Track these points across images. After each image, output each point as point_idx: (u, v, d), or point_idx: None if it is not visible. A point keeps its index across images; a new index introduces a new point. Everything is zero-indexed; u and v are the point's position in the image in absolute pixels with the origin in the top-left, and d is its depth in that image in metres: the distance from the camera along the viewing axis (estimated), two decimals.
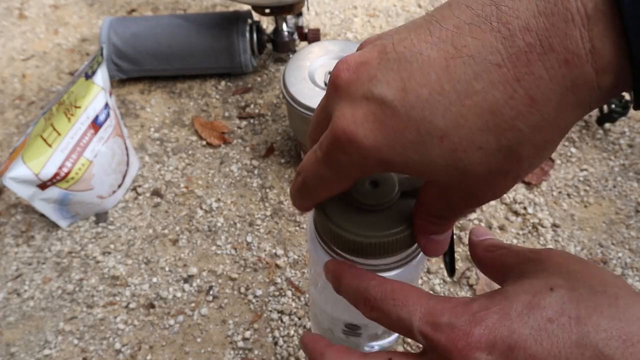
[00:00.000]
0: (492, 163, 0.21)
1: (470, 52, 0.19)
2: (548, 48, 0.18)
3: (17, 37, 0.83)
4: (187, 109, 0.70)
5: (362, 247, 0.28)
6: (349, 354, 0.26)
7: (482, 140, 0.20)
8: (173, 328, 0.50)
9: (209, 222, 0.58)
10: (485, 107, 0.19)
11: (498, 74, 0.19)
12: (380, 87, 0.21)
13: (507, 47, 0.19)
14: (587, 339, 0.21)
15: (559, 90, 0.19)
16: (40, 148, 0.53)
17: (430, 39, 0.20)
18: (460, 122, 0.20)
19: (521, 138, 0.20)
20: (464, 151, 0.20)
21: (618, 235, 0.55)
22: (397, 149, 0.21)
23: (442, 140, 0.20)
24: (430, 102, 0.20)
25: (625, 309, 0.22)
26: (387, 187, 0.29)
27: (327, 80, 0.56)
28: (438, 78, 0.20)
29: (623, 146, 0.63)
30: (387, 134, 0.21)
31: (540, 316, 0.22)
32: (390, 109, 0.21)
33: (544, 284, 0.23)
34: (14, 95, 0.74)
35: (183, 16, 0.72)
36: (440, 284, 0.52)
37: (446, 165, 0.21)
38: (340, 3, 0.86)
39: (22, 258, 0.56)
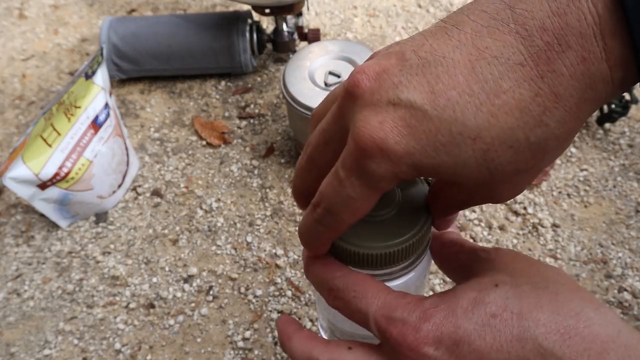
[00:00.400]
0: (521, 161, 0.21)
1: (493, 53, 0.20)
2: (566, 46, 0.19)
3: (17, 37, 0.83)
4: (187, 109, 0.70)
5: (360, 257, 0.28)
6: (313, 340, 0.27)
7: (512, 138, 0.20)
8: (173, 328, 0.50)
9: (209, 222, 0.58)
10: (514, 105, 0.20)
11: (522, 73, 0.20)
12: (407, 92, 0.21)
13: (527, 46, 0.19)
14: (527, 333, 0.22)
15: (580, 86, 0.20)
16: (40, 148, 0.53)
17: (451, 43, 0.21)
18: (491, 121, 0.20)
19: (548, 133, 0.20)
20: (496, 151, 0.21)
21: (618, 235, 0.55)
22: (429, 152, 0.21)
23: (475, 142, 0.20)
24: (461, 103, 0.20)
25: (564, 304, 0.23)
26: (388, 197, 0.29)
27: (327, 80, 0.56)
28: (466, 79, 0.20)
29: (623, 146, 0.63)
30: (419, 138, 0.21)
31: (484, 312, 0.23)
32: (421, 113, 0.20)
33: (490, 281, 0.24)
34: (14, 95, 0.74)
35: (183, 16, 0.72)
36: (440, 284, 0.52)
37: (478, 166, 0.21)
38: (340, 3, 0.86)
39: (22, 258, 0.56)
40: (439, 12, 0.82)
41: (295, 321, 0.29)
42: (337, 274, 0.27)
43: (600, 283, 0.51)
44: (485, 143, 0.20)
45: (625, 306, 0.49)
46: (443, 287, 0.51)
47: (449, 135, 0.20)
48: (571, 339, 0.22)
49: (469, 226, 0.56)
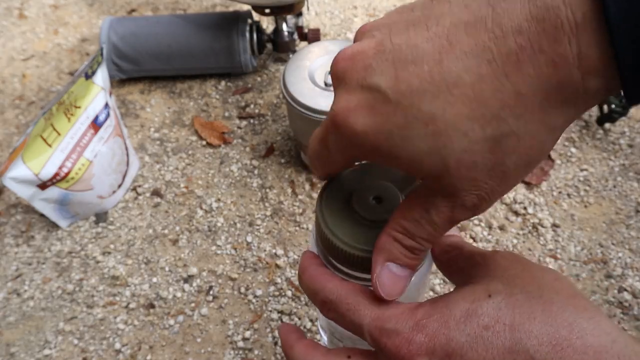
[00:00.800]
0: (477, 153, 0.21)
1: (463, 48, 0.20)
2: (538, 50, 0.19)
3: (17, 37, 0.83)
4: (187, 109, 0.70)
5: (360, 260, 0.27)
6: (314, 349, 0.28)
7: (467, 127, 0.20)
8: (173, 328, 0.50)
9: (209, 222, 0.58)
10: (472, 97, 0.20)
11: (487, 69, 0.20)
12: (374, 76, 0.22)
13: (499, 46, 0.20)
14: (519, 345, 0.22)
15: (545, 87, 0.20)
16: (40, 148, 0.53)
17: (426, 34, 0.21)
18: (446, 109, 0.21)
19: (506, 129, 0.20)
20: (448, 136, 0.21)
21: (618, 235, 0.55)
22: (384, 133, 0.22)
23: (427, 125, 0.21)
24: (420, 90, 0.21)
25: (558, 314, 0.23)
26: (391, 203, 0.29)
27: (327, 80, 0.56)
28: (430, 69, 0.21)
29: (623, 146, 0.63)
30: (376, 120, 0.22)
31: (477, 324, 0.23)
32: (382, 96, 0.22)
33: (484, 290, 0.24)
34: (14, 95, 0.74)
35: (183, 16, 0.72)
36: (440, 284, 0.52)
37: (430, 151, 0.21)
38: (340, 3, 0.86)
39: (22, 258, 0.56)
40: None
41: (297, 329, 0.30)
42: (328, 285, 0.27)
43: (600, 283, 0.51)
44: (437, 127, 0.21)
45: (625, 306, 0.49)
46: (443, 287, 0.51)
47: (403, 118, 0.21)
48: (563, 350, 0.22)
49: (469, 226, 0.56)
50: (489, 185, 0.22)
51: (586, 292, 0.51)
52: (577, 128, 0.65)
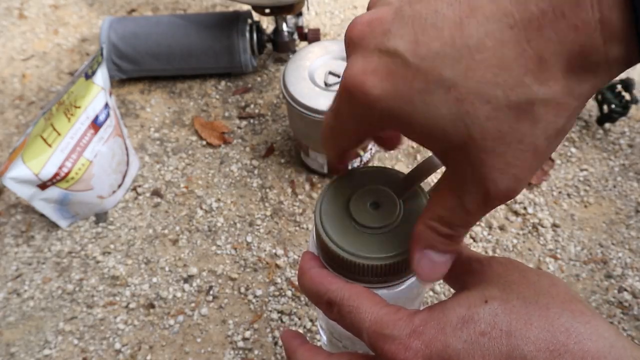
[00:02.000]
0: (503, 121, 0.20)
1: (485, 13, 0.20)
2: (560, 15, 0.19)
3: (17, 37, 0.83)
4: (187, 109, 0.70)
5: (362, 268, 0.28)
6: (316, 353, 0.28)
7: (490, 93, 0.20)
8: (173, 328, 0.50)
9: (209, 222, 0.58)
10: (494, 63, 0.20)
11: (509, 34, 0.20)
12: (393, 40, 0.21)
13: (520, 11, 0.19)
14: (517, 351, 0.22)
15: (568, 53, 0.19)
16: (40, 148, 0.53)
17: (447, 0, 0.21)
18: (468, 74, 0.20)
19: (531, 95, 0.20)
20: (472, 103, 0.20)
21: (618, 235, 0.55)
22: (404, 98, 0.21)
23: (449, 91, 0.20)
24: (441, 54, 0.20)
25: (555, 320, 0.22)
26: (388, 209, 0.29)
27: (327, 80, 0.56)
28: (451, 34, 0.20)
29: (623, 146, 0.63)
30: (396, 84, 0.21)
31: (474, 330, 0.23)
32: (401, 60, 0.21)
33: (480, 296, 0.24)
34: (13, 95, 0.74)
35: (183, 16, 0.72)
36: (440, 284, 0.52)
37: (452, 118, 0.21)
38: (340, 3, 0.86)
39: (22, 258, 0.56)
40: None
41: (299, 334, 0.30)
42: (332, 286, 0.27)
43: (600, 283, 0.51)
44: (460, 93, 0.20)
45: (625, 306, 0.49)
46: (443, 287, 0.51)
47: (424, 83, 0.21)
48: (561, 356, 0.21)
49: None
50: (520, 162, 0.21)
51: (586, 292, 0.51)
52: (577, 128, 0.65)
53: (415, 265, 0.26)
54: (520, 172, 0.22)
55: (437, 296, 0.51)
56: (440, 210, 0.24)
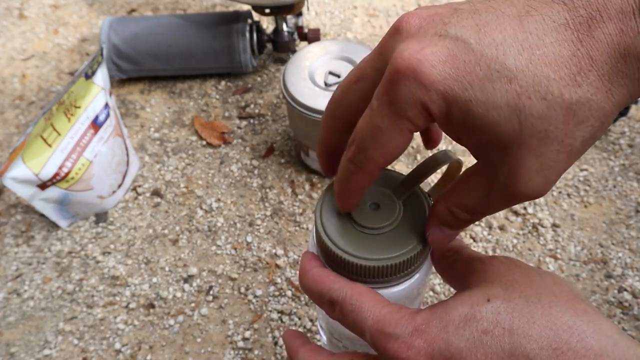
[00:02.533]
0: (552, 121, 0.21)
1: (542, 13, 0.21)
2: (607, 18, 0.21)
3: (17, 37, 0.83)
4: (187, 109, 0.70)
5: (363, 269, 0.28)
6: (318, 353, 0.28)
7: (546, 89, 0.21)
8: (173, 328, 0.50)
9: (209, 222, 0.58)
10: (552, 59, 0.21)
11: (564, 34, 0.21)
12: (455, 28, 0.22)
13: (571, 14, 0.21)
14: (519, 350, 0.22)
15: (614, 54, 0.21)
16: (40, 148, 0.53)
17: (505, 3, 0.22)
18: (530, 67, 0.21)
19: (582, 95, 0.21)
20: (529, 97, 0.21)
21: (618, 235, 0.55)
22: (464, 83, 0.21)
23: (510, 82, 0.21)
24: (505, 45, 0.21)
25: (557, 318, 0.23)
26: (388, 211, 0.29)
27: (327, 80, 0.56)
28: (512, 28, 0.21)
29: (623, 146, 0.63)
30: (457, 67, 0.21)
31: (476, 328, 0.23)
32: (464, 44, 0.21)
33: (482, 295, 0.24)
34: (14, 95, 0.74)
35: (183, 16, 0.72)
36: (440, 284, 0.52)
37: (508, 110, 0.21)
38: (340, 3, 0.86)
39: (22, 258, 0.56)
40: None
41: (301, 334, 0.30)
42: (335, 285, 0.27)
43: (600, 283, 0.51)
44: (520, 86, 0.21)
45: (625, 306, 0.49)
46: (443, 288, 0.51)
47: (487, 70, 0.21)
48: (564, 354, 0.22)
49: (469, 226, 0.56)
50: (554, 163, 0.22)
51: (586, 292, 0.51)
52: None
53: (429, 234, 0.27)
54: (552, 174, 0.22)
55: (437, 296, 0.51)
56: (465, 198, 0.25)
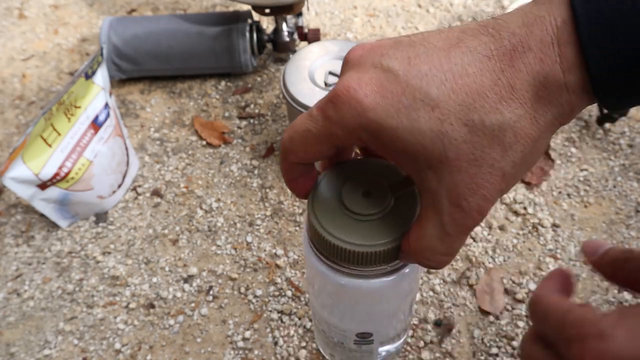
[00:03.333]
0: (477, 144, 0.23)
1: (469, 45, 0.23)
2: (527, 49, 0.23)
3: (17, 37, 0.83)
4: (187, 109, 0.70)
5: (350, 255, 0.28)
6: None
7: (467, 117, 0.23)
8: (173, 328, 0.50)
9: (209, 222, 0.58)
10: (474, 89, 0.23)
11: (487, 64, 0.23)
12: (389, 60, 0.24)
13: (496, 45, 0.23)
14: None
15: (534, 83, 0.23)
16: (40, 148, 0.53)
17: (439, 36, 0.24)
18: (451, 96, 0.23)
19: (503, 122, 0.23)
20: (451, 124, 0.23)
21: (618, 235, 0.55)
22: (391, 111, 0.23)
23: (433, 110, 0.23)
24: (429, 75, 0.23)
25: None
26: (379, 197, 0.30)
27: (327, 80, 0.56)
28: (439, 59, 0.23)
29: (623, 146, 0.63)
30: (385, 97, 0.23)
31: None
32: (393, 76, 0.23)
33: None
34: (14, 95, 0.74)
35: (183, 16, 0.72)
36: (440, 284, 0.52)
37: (432, 136, 0.23)
38: (340, 3, 0.86)
39: (22, 258, 0.56)
40: (439, 12, 0.82)
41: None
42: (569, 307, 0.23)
43: (601, 283, 0.51)
44: (442, 114, 0.23)
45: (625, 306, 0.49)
46: (443, 287, 0.51)
47: (412, 99, 0.23)
48: None
49: None
50: (489, 184, 0.23)
51: (586, 292, 0.51)
52: (577, 128, 0.65)
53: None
54: (489, 193, 0.24)
55: (437, 296, 0.51)
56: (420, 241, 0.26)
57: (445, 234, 0.25)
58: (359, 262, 0.29)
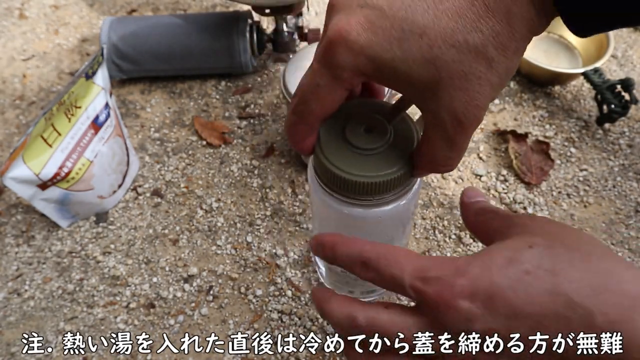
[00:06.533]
0: (465, 62, 0.24)
1: None
2: None
3: (18, 37, 0.83)
4: (187, 109, 0.71)
5: (357, 185, 0.31)
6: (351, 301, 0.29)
7: (453, 38, 0.24)
8: (173, 328, 0.50)
9: (209, 222, 0.58)
10: (454, 11, 0.24)
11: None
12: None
13: None
14: (559, 288, 0.23)
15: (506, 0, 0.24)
16: (40, 148, 0.53)
17: None
18: (435, 22, 0.24)
19: (484, 39, 0.24)
20: (439, 47, 0.24)
21: (618, 235, 0.55)
22: (385, 45, 0.25)
23: (421, 37, 0.24)
24: (412, 6, 0.24)
25: (597, 264, 0.24)
26: (380, 133, 0.32)
27: None
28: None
29: (622, 146, 0.63)
30: (377, 33, 0.25)
31: (519, 269, 0.24)
32: (380, 12, 0.25)
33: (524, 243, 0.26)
34: (14, 96, 0.74)
35: (183, 16, 0.72)
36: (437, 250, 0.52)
37: (424, 61, 0.25)
38: None
39: (23, 258, 0.56)
40: None
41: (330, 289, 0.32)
42: (366, 247, 0.28)
43: None
44: (430, 39, 0.24)
45: None
46: None
47: (400, 31, 0.24)
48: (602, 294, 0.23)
49: None
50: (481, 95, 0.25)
51: None
52: (577, 128, 0.65)
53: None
54: (481, 103, 0.26)
55: None
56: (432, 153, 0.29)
57: (452, 142, 0.27)
58: (369, 192, 0.31)
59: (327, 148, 0.32)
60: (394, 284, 0.27)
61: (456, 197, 0.59)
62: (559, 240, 0.26)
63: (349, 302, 0.29)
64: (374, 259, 0.28)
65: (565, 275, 0.24)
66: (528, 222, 0.28)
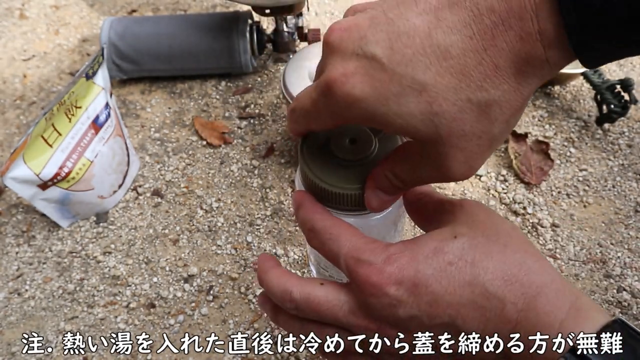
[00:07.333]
0: (466, 122, 0.24)
1: (449, 24, 0.23)
2: (508, 27, 0.23)
3: (18, 38, 0.83)
4: (187, 109, 0.71)
5: (336, 197, 0.31)
6: (288, 275, 0.30)
7: (455, 97, 0.23)
8: (173, 328, 0.50)
9: (209, 222, 0.58)
10: (458, 70, 0.23)
11: (470, 44, 0.23)
12: (370, 45, 0.24)
13: (477, 23, 0.23)
14: (477, 279, 0.25)
15: (517, 60, 0.23)
16: (41, 148, 0.53)
17: (415, 9, 0.24)
18: (437, 79, 0.23)
19: (489, 98, 0.23)
20: (440, 105, 0.23)
21: (617, 235, 0.55)
22: (381, 100, 0.24)
23: (421, 94, 0.23)
24: (414, 60, 0.23)
25: (511, 255, 0.26)
26: (364, 144, 0.32)
27: None
28: (421, 42, 0.23)
29: (622, 146, 0.63)
30: (374, 86, 0.24)
31: (443, 260, 0.26)
32: (378, 64, 0.24)
33: (450, 232, 0.27)
34: (14, 96, 0.74)
35: (183, 16, 0.72)
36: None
37: (423, 118, 0.24)
38: (340, 3, 0.86)
39: (23, 258, 0.56)
40: None
41: (274, 259, 0.32)
42: (316, 216, 0.30)
43: (600, 283, 0.51)
44: (430, 96, 0.23)
45: (624, 306, 0.50)
46: None
47: (399, 86, 0.23)
48: (513, 284, 0.25)
49: None
50: (477, 154, 0.25)
51: (585, 292, 0.51)
52: (577, 128, 0.65)
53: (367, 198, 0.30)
54: (476, 162, 0.26)
55: None
56: (400, 168, 0.28)
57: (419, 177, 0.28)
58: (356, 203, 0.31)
59: (312, 160, 0.32)
60: (332, 257, 0.29)
61: (456, 196, 0.59)
62: (481, 230, 0.27)
63: (287, 276, 0.30)
64: (320, 229, 0.29)
65: (483, 266, 0.25)
66: (457, 209, 0.29)
